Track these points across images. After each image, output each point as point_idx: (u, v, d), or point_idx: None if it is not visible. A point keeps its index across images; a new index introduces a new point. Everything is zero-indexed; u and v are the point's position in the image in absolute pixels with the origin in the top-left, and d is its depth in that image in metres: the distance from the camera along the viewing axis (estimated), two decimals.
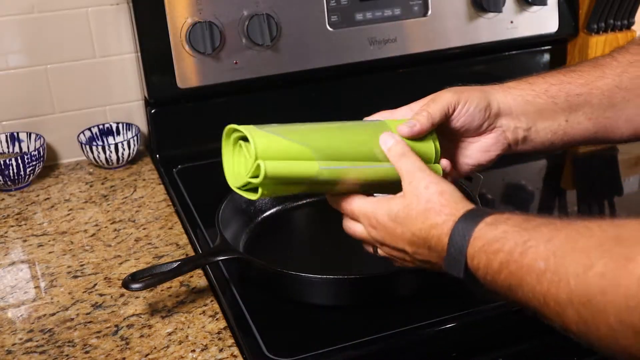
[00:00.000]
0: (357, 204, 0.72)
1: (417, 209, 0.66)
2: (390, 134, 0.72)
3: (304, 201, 1.04)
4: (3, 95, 1.20)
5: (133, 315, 0.84)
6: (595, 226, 0.51)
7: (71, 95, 1.23)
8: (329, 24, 1.21)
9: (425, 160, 0.72)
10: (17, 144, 1.21)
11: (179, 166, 1.20)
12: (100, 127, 1.25)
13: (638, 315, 0.44)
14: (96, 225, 1.05)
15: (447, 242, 0.62)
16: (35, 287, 0.90)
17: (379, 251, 0.73)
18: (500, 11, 1.29)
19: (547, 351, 0.82)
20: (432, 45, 1.29)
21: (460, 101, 0.76)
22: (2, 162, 1.11)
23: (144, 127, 1.28)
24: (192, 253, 0.96)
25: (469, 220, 0.61)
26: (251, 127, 0.70)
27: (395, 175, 0.71)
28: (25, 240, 1.02)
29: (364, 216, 0.71)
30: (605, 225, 0.50)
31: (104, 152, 1.19)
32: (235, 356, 0.76)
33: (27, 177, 1.15)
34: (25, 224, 1.06)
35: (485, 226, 0.59)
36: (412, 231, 0.66)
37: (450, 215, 0.63)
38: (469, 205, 0.64)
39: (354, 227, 0.73)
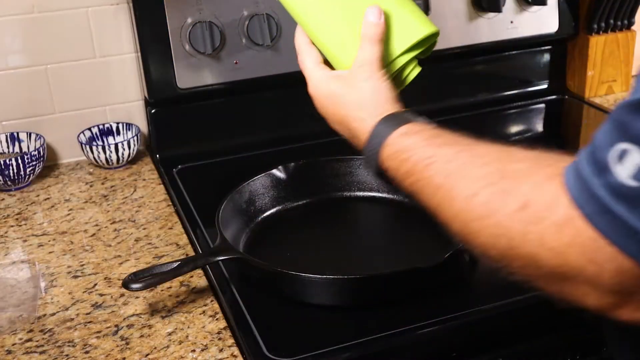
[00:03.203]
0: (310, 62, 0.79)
1: (350, 98, 0.72)
2: (379, 12, 0.73)
3: (304, 201, 1.04)
4: (3, 95, 1.20)
5: (133, 315, 0.84)
6: (494, 154, 0.57)
7: (71, 95, 1.23)
8: None
9: (396, 45, 0.74)
10: (17, 144, 1.21)
11: (179, 166, 1.20)
12: (100, 127, 1.25)
13: (503, 241, 0.52)
14: (96, 225, 1.05)
15: (365, 140, 0.69)
16: (35, 287, 0.90)
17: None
18: (500, 11, 1.29)
19: (547, 351, 0.82)
20: None
21: None
22: (2, 162, 1.11)
23: (144, 127, 1.28)
24: (192, 253, 0.96)
25: (388, 125, 0.67)
26: None
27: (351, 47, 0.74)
28: (25, 240, 1.02)
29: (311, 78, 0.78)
30: (503, 155, 0.56)
31: (104, 152, 1.19)
32: (235, 356, 0.76)
33: (27, 177, 1.15)
34: (25, 224, 1.06)
35: (398, 136, 0.66)
36: (342, 114, 0.73)
37: (374, 115, 0.69)
38: (393, 108, 0.70)
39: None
